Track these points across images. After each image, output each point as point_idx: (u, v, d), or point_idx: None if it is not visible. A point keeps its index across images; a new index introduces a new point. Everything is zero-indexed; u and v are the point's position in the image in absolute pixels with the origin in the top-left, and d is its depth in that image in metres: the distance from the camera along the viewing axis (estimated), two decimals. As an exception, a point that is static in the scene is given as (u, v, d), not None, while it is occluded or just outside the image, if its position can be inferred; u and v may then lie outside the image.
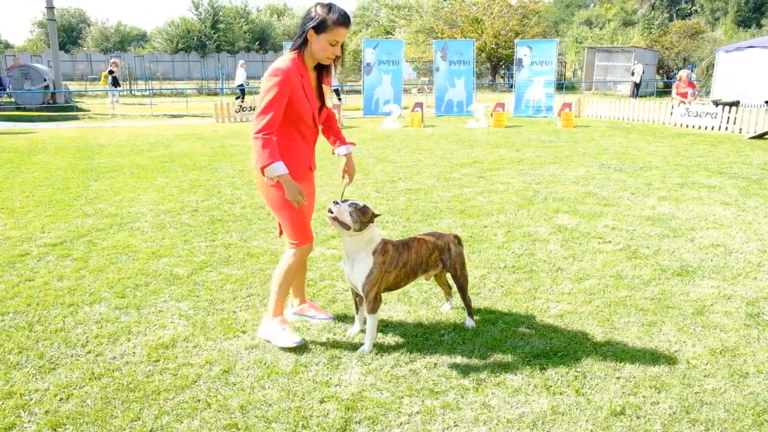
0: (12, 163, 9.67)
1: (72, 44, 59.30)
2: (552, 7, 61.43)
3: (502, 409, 2.81)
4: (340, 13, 3.12)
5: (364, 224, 3.20)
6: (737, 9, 50.69)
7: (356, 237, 3.22)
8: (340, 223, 3.17)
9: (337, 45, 3.16)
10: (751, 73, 20.29)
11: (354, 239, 3.23)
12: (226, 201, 6.94)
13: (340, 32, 3.12)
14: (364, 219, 3.19)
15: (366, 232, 3.23)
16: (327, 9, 3.11)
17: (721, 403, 2.84)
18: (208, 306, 3.98)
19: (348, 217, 3.15)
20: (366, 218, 3.20)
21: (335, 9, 3.12)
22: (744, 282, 4.37)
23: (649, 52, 31.44)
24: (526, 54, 18.25)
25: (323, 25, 3.09)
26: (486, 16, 32.83)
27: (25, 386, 3.00)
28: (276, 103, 3.07)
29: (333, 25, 3.09)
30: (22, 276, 4.51)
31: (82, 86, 31.93)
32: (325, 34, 3.11)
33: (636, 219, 6.05)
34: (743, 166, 9.18)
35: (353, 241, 3.24)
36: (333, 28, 3.10)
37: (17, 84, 20.08)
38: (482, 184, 7.84)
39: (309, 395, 2.92)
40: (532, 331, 3.57)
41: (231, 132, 14.09)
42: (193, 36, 48.35)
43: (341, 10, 3.13)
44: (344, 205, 3.18)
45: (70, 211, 6.45)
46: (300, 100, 3.18)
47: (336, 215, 3.16)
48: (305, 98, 3.21)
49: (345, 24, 3.13)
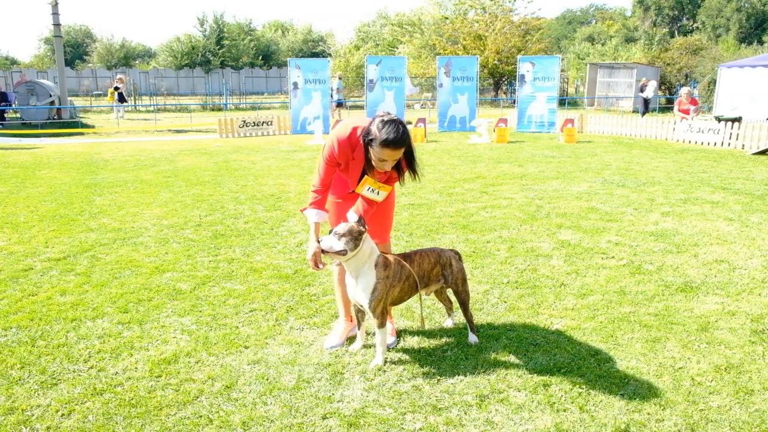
0: (17, 178, 9.72)
1: (78, 60, 59.83)
2: (554, 23, 61.83)
3: (505, 425, 2.79)
4: (386, 136, 3.07)
5: (358, 240, 3.18)
6: (739, 26, 50.94)
7: (357, 255, 3.22)
8: (336, 253, 3.16)
9: (385, 162, 3.16)
10: (754, 89, 20.35)
11: (356, 258, 3.22)
12: (230, 216, 6.95)
13: (384, 153, 3.10)
14: (354, 237, 3.16)
15: (364, 247, 3.22)
16: (380, 128, 3.10)
17: (726, 421, 2.82)
18: (211, 321, 3.98)
19: (340, 245, 3.14)
20: (355, 235, 3.17)
21: (385, 132, 3.08)
22: (748, 298, 4.35)
23: (651, 68, 31.56)
24: (529, 70, 18.34)
25: (372, 142, 3.12)
26: (488, 33, 33.05)
27: (27, 402, 2.99)
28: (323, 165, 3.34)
29: (378, 145, 3.09)
30: (26, 291, 4.51)
31: (87, 102, 32.15)
32: (373, 149, 3.13)
33: (639, 234, 6.05)
34: (746, 181, 9.18)
35: (356, 259, 3.23)
36: (378, 148, 3.10)
37: (23, 100, 20.23)
38: (485, 199, 7.84)
39: (311, 411, 2.91)
40: (535, 347, 3.56)
41: (235, 147, 14.15)
42: (198, 52, 48.74)
43: (389, 134, 3.07)
44: (329, 237, 3.17)
45: (73, 226, 6.47)
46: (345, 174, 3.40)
47: (328, 249, 3.15)
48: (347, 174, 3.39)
49: (388, 147, 3.08)
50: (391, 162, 3.18)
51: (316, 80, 17.86)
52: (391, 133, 3.07)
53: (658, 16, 58.30)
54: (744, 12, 51.45)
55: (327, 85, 18.21)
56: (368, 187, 3.31)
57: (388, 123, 3.10)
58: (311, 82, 17.83)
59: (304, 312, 4.13)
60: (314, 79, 17.84)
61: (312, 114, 17.74)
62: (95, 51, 57.92)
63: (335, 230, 3.17)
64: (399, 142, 3.10)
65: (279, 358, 3.46)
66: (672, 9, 58.20)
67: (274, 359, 3.43)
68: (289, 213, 7.08)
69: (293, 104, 17.88)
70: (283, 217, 6.90)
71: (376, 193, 3.31)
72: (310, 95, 17.84)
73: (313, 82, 17.83)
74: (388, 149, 3.08)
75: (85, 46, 62.18)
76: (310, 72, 17.87)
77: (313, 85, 17.85)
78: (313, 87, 17.85)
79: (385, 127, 3.09)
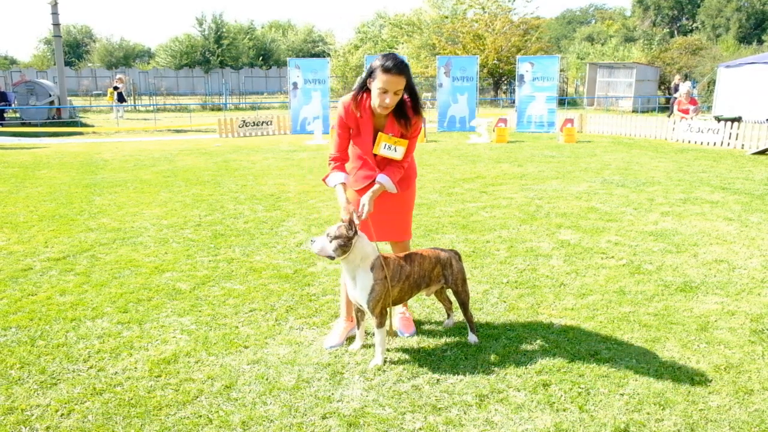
0: (16, 178, 9.71)
1: (78, 59, 59.80)
2: (554, 23, 61.83)
3: (505, 425, 2.79)
4: (386, 62, 3.17)
5: (348, 243, 3.17)
6: (738, 25, 50.96)
7: (348, 258, 3.22)
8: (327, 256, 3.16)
9: (387, 93, 3.21)
10: (753, 89, 20.35)
11: (347, 261, 3.23)
12: (229, 216, 6.95)
13: (385, 79, 3.17)
14: (345, 239, 3.15)
15: (355, 251, 3.21)
16: (380, 58, 3.23)
17: (725, 421, 2.82)
18: (210, 321, 3.97)
19: (331, 247, 3.13)
20: (346, 238, 3.16)
21: (387, 57, 3.21)
22: (748, 298, 4.35)
23: (650, 68, 31.57)
24: (528, 70, 18.34)
25: (372, 73, 3.23)
26: (488, 33, 33.03)
27: (27, 402, 2.99)
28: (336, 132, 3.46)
29: (379, 71, 3.19)
30: (25, 291, 4.51)
31: (87, 102, 32.14)
32: (374, 80, 3.23)
33: (639, 234, 6.05)
34: (746, 181, 9.18)
35: (347, 262, 3.24)
36: (379, 75, 3.19)
37: (22, 100, 20.22)
38: (485, 199, 7.84)
39: (311, 411, 2.91)
40: (535, 347, 3.56)
41: (234, 147, 14.15)
42: (197, 52, 48.73)
43: (392, 60, 3.18)
44: (320, 238, 3.17)
45: (73, 226, 6.47)
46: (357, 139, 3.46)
47: (319, 252, 3.15)
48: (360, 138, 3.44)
49: (389, 71, 3.16)
50: (392, 94, 3.23)
51: (315, 80, 17.87)
52: (390, 60, 3.19)
53: (658, 16, 58.32)
54: (744, 12, 51.46)
55: (327, 85, 18.22)
56: (384, 144, 3.38)
57: (387, 54, 3.24)
58: (311, 82, 17.83)
59: (304, 312, 4.13)
60: (314, 79, 17.85)
61: (311, 114, 17.74)
62: (95, 51, 57.91)
63: (327, 231, 3.19)
64: (399, 67, 3.18)
65: (279, 357, 3.46)
66: (671, 9, 58.23)
67: (273, 359, 3.43)
68: (289, 213, 7.08)
69: (293, 104, 17.89)
70: (283, 217, 6.90)
71: (393, 150, 3.39)
72: (309, 95, 17.84)
73: (312, 82, 17.84)
74: (388, 75, 3.16)
75: (85, 45, 62.14)
76: (309, 72, 17.87)
77: (312, 85, 17.85)
78: (313, 87, 17.86)
79: (384, 57, 3.22)
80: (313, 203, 7.63)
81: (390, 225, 3.61)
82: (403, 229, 3.68)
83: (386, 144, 3.37)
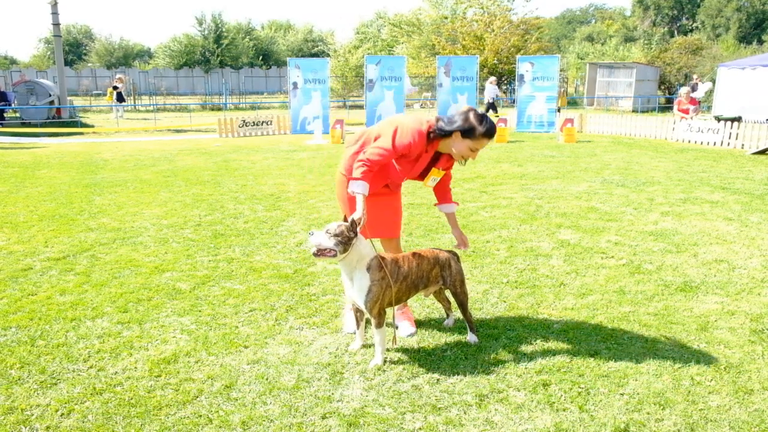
0: (16, 177, 9.71)
1: (77, 59, 59.78)
2: (554, 23, 61.84)
3: (505, 425, 2.79)
4: (489, 126, 3.37)
5: (348, 242, 3.16)
6: (738, 25, 50.96)
7: (346, 259, 3.21)
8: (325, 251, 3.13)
9: (476, 152, 3.44)
10: (753, 89, 20.36)
11: (344, 262, 3.22)
12: (229, 216, 6.95)
13: (484, 143, 3.40)
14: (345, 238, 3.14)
15: (353, 251, 3.20)
16: (479, 120, 3.36)
17: (725, 420, 2.82)
18: (210, 321, 3.98)
19: (330, 243, 3.12)
20: (346, 237, 3.15)
21: (486, 122, 3.37)
22: (748, 298, 4.35)
23: (650, 68, 31.56)
24: (528, 70, 18.34)
25: (471, 133, 3.35)
26: (487, 33, 33.03)
27: (27, 401, 2.99)
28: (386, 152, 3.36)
29: (480, 136, 3.35)
30: (25, 290, 4.51)
31: (87, 101, 32.13)
32: (470, 141, 3.37)
33: (639, 234, 6.05)
34: (746, 181, 9.18)
35: (344, 263, 3.24)
36: (479, 138, 3.36)
37: (22, 99, 20.22)
38: (484, 198, 7.84)
39: (311, 411, 2.91)
40: (535, 347, 3.56)
41: (234, 147, 14.15)
42: (197, 52, 48.72)
43: (491, 125, 3.38)
44: (319, 233, 3.16)
45: (73, 226, 6.47)
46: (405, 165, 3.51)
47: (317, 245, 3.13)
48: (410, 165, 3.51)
49: (490, 137, 3.39)
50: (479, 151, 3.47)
51: (315, 80, 17.87)
52: (490, 125, 3.38)
53: (658, 16, 58.31)
54: (744, 12, 51.46)
55: (326, 85, 18.22)
56: (432, 178, 3.62)
57: (483, 117, 3.39)
58: (311, 81, 17.83)
59: (304, 312, 4.13)
60: (314, 78, 17.85)
61: (311, 114, 17.74)
62: (94, 50, 57.89)
63: (327, 228, 3.18)
64: (495, 132, 3.45)
65: (278, 357, 3.46)
66: (671, 9, 58.21)
67: (273, 359, 3.43)
68: (289, 213, 7.08)
69: (293, 104, 17.89)
70: (283, 216, 6.90)
71: (434, 180, 3.63)
72: (309, 95, 17.84)
73: (312, 81, 17.84)
74: (488, 139, 3.39)
75: (85, 45, 62.13)
76: (309, 72, 17.87)
77: (312, 85, 17.86)
78: (313, 87, 17.86)
79: (482, 120, 3.37)
80: (313, 203, 7.63)
81: (382, 222, 3.70)
82: (395, 226, 3.83)
83: (434, 178, 3.62)
